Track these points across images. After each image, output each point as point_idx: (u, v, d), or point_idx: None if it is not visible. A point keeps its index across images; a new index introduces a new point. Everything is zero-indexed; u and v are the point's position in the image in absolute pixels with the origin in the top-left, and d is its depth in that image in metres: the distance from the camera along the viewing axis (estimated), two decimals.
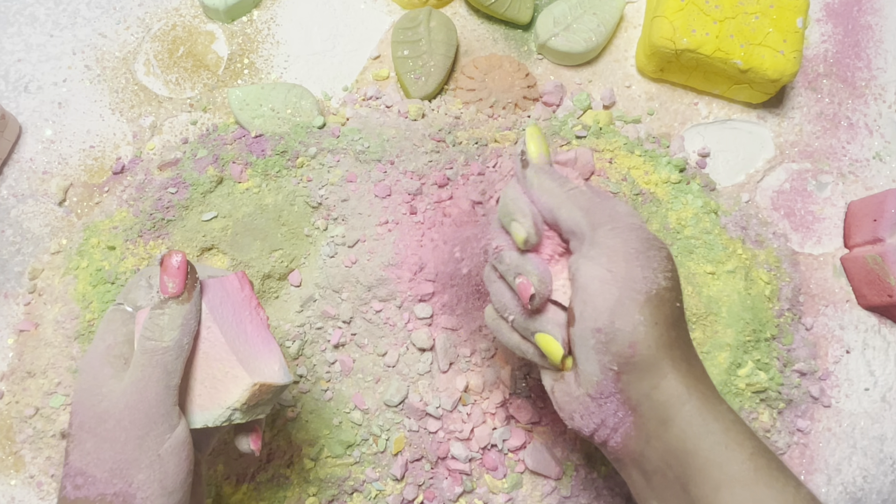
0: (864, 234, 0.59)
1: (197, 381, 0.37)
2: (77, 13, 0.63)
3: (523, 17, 0.63)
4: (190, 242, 0.54)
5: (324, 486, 0.52)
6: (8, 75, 0.61)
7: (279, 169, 0.56)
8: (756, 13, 0.59)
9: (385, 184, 0.55)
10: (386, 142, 0.57)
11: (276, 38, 0.63)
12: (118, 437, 0.34)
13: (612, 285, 0.35)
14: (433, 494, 0.52)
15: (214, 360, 0.36)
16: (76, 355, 0.51)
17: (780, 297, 0.57)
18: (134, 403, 0.34)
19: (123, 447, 0.34)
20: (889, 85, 0.66)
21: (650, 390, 0.35)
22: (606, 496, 0.53)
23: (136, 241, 0.54)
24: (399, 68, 0.60)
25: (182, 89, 0.61)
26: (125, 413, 0.34)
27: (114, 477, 0.34)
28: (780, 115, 0.64)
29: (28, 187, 0.58)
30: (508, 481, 0.52)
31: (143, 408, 0.34)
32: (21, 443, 0.53)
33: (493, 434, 0.52)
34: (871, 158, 0.64)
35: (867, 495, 0.56)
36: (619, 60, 0.64)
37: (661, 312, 0.35)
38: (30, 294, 0.56)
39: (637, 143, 0.59)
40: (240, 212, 0.55)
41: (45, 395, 0.52)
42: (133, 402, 0.34)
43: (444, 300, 0.53)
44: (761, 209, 0.61)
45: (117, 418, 0.34)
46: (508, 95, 0.60)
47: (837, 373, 0.58)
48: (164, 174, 0.57)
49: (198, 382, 0.37)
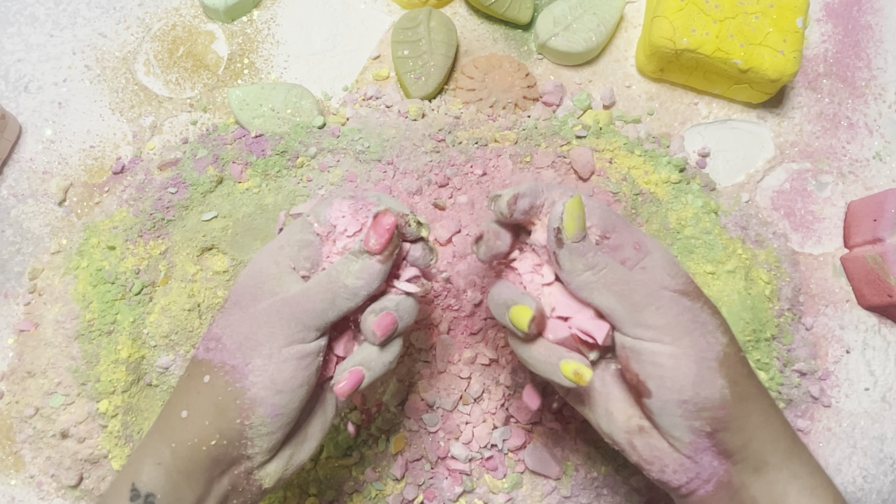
0: (864, 233, 0.59)
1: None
2: (77, 13, 0.63)
3: (523, 17, 0.63)
4: (190, 242, 0.54)
5: (323, 487, 0.52)
6: (8, 75, 0.61)
7: (279, 169, 0.56)
8: (756, 13, 0.59)
9: (385, 184, 0.55)
10: (386, 142, 0.57)
11: (276, 38, 0.63)
12: (258, 321, 0.37)
13: (686, 359, 0.35)
14: (433, 494, 0.52)
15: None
16: (76, 355, 0.51)
17: (780, 297, 0.57)
18: (288, 301, 0.37)
19: (257, 331, 0.37)
20: (889, 85, 0.66)
21: (746, 442, 0.36)
22: (606, 496, 0.53)
23: (136, 241, 0.54)
24: (399, 68, 0.60)
25: (182, 89, 0.61)
26: (276, 304, 0.37)
27: (238, 351, 0.37)
28: (780, 115, 0.64)
29: (28, 187, 0.58)
30: (508, 481, 0.52)
31: (290, 310, 0.37)
32: (21, 443, 0.53)
33: (492, 434, 0.52)
34: (871, 158, 0.64)
35: (867, 495, 0.56)
36: (619, 60, 0.64)
37: (736, 370, 0.36)
38: (30, 294, 0.56)
39: (637, 143, 0.59)
40: (240, 212, 0.55)
41: (45, 395, 0.52)
42: (289, 300, 0.37)
43: (445, 300, 0.53)
44: (761, 209, 0.61)
45: (267, 305, 0.37)
46: (508, 95, 0.60)
47: (837, 373, 0.58)
48: (164, 174, 0.57)
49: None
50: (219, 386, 0.36)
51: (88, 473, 0.52)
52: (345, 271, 0.38)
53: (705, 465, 0.36)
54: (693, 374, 0.35)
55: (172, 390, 0.42)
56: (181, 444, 0.36)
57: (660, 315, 0.36)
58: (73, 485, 0.52)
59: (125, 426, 0.51)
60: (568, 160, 0.57)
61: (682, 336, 0.35)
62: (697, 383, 0.35)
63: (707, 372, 0.35)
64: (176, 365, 0.52)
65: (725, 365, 0.36)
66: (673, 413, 0.35)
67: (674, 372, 0.35)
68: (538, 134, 0.58)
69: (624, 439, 0.38)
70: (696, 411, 0.35)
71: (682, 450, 0.36)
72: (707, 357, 0.35)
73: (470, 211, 0.54)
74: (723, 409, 0.35)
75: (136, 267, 0.53)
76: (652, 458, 0.37)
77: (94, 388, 0.51)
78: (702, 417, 0.35)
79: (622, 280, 0.37)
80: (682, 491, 0.37)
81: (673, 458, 0.37)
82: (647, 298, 0.36)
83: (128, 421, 0.51)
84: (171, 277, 0.53)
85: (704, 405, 0.35)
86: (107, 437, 0.51)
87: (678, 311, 0.36)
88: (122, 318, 0.52)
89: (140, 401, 0.52)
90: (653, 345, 0.36)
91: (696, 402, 0.35)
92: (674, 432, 0.36)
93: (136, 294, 0.52)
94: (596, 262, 0.37)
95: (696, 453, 0.36)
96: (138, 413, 0.52)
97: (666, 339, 0.35)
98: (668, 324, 0.36)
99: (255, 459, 0.37)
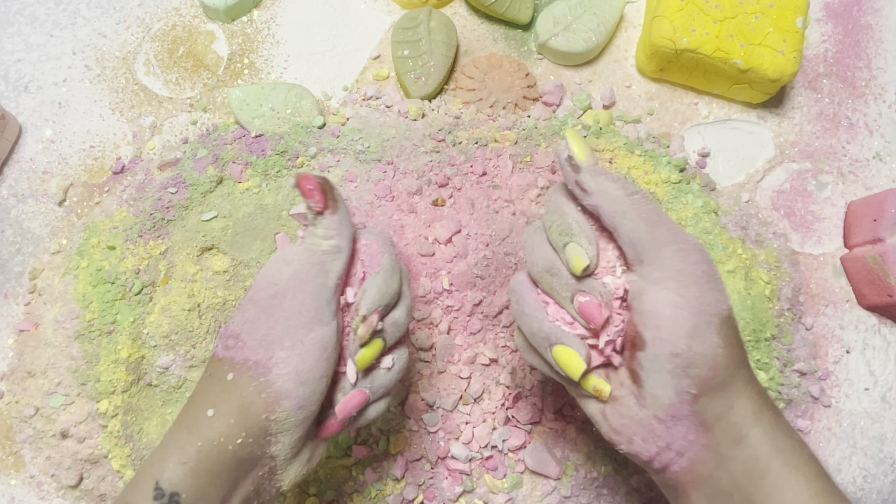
0: (864, 234, 0.59)
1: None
2: (77, 13, 0.63)
3: (523, 17, 0.63)
4: (190, 242, 0.54)
5: (323, 487, 0.52)
6: (8, 75, 0.61)
7: (279, 169, 0.56)
8: (756, 13, 0.59)
9: (385, 184, 0.55)
10: (386, 142, 0.57)
11: (276, 38, 0.63)
12: (275, 314, 0.38)
13: (686, 310, 0.35)
14: (433, 494, 0.52)
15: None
16: (76, 355, 0.51)
17: (780, 297, 0.57)
18: (295, 289, 0.38)
19: (276, 324, 0.37)
20: (889, 85, 0.66)
21: (726, 410, 0.35)
22: (606, 496, 0.53)
23: (136, 240, 0.54)
24: (399, 68, 0.60)
25: (182, 89, 0.61)
26: (287, 296, 0.38)
27: (260, 346, 0.37)
28: (780, 115, 0.64)
29: (28, 187, 0.58)
30: (508, 481, 0.52)
31: (300, 297, 0.38)
32: (21, 443, 0.53)
33: (493, 434, 0.52)
34: (871, 158, 0.64)
35: (867, 495, 0.56)
36: (619, 60, 0.64)
37: (732, 333, 0.36)
38: (30, 294, 0.56)
39: (637, 142, 0.59)
40: (240, 212, 0.55)
41: (46, 395, 0.52)
42: (294, 287, 0.38)
43: (445, 300, 0.53)
44: (761, 209, 0.61)
45: (281, 298, 0.38)
46: (508, 95, 0.60)
47: (837, 373, 0.58)
48: (164, 174, 0.57)
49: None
50: (243, 382, 0.37)
51: (88, 473, 0.52)
52: (316, 241, 0.39)
53: (678, 435, 0.35)
54: (690, 326, 0.34)
55: (194, 388, 0.42)
56: (207, 442, 0.36)
57: (679, 257, 0.35)
58: (73, 485, 0.52)
59: (125, 426, 0.51)
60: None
61: (691, 285, 0.35)
62: (692, 335, 0.34)
63: (705, 326, 0.35)
64: (176, 365, 0.52)
65: (725, 326, 0.35)
66: (662, 368, 0.35)
67: (671, 322, 0.35)
68: (538, 134, 0.58)
69: (596, 409, 0.38)
70: (685, 367, 0.34)
71: (657, 412, 0.35)
72: (708, 312, 0.35)
73: (470, 211, 0.54)
74: (712, 371, 0.34)
75: (136, 267, 0.53)
76: (621, 426, 0.37)
77: (94, 388, 0.51)
78: (689, 376, 0.34)
79: (654, 211, 0.36)
80: (654, 465, 0.37)
81: (643, 426, 0.36)
82: (672, 238, 0.36)
83: (128, 421, 0.51)
84: (172, 277, 0.53)
85: (695, 361, 0.34)
86: (107, 437, 0.51)
87: (698, 259, 0.36)
88: (122, 318, 0.52)
89: (140, 401, 0.52)
90: (658, 291, 0.35)
91: (687, 357, 0.34)
92: (658, 391, 0.35)
93: (137, 294, 0.52)
94: (626, 184, 0.37)
95: (671, 418, 0.35)
96: (138, 413, 0.52)
97: (673, 284, 0.35)
98: (683, 269, 0.35)
99: (279, 458, 0.37)
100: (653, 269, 0.36)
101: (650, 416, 0.35)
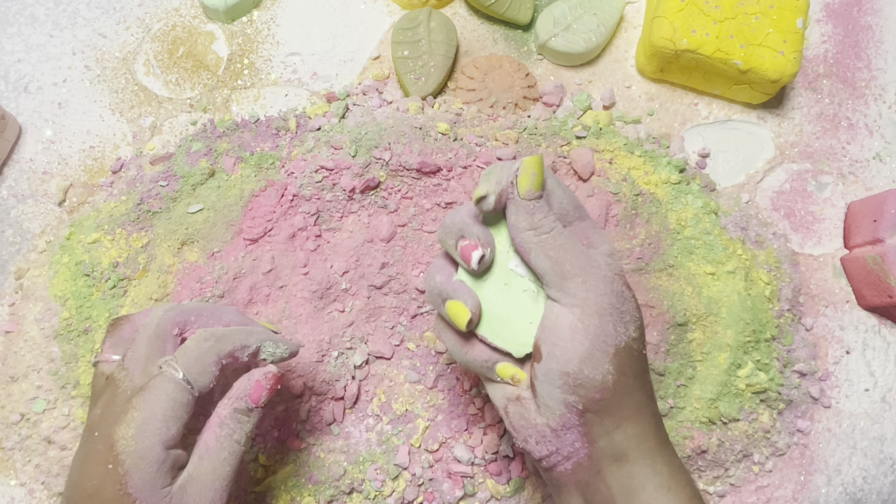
0: (864, 234, 0.59)
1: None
2: (77, 13, 0.63)
3: (523, 18, 0.63)
4: (172, 235, 0.53)
5: (322, 487, 0.51)
6: (8, 75, 0.61)
7: (273, 161, 0.56)
8: (756, 13, 0.59)
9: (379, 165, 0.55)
10: (384, 131, 0.56)
11: (276, 39, 0.63)
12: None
13: (584, 336, 0.36)
14: (433, 496, 0.52)
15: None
16: (56, 356, 0.50)
17: (780, 298, 0.57)
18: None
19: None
20: (889, 85, 0.66)
21: (613, 429, 0.37)
22: None
23: (117, 232, 0.53)
24: (399, 68, 0.60)
25: (182, 90, 0.61)
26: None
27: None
28: (780, 116, 0.64)
29: (28, 187, 0.58)
30: (511, 486, 0.52)
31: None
32: (10, 450, 0.52)
33: (501, 442, 0.52)
34: (871, 159, 0.64)
35: (867, 496, 0.56)
36: (619, 61, 0.64)
37: (628, 363, 0.37)
38: (15, 294, 0.55)
39: (637, 143, 0.59)
40: (221, 202, 0.54)
41: (29, 401, 0.51)
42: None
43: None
44: (761, 209, 0.61)
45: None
46: (508, 96, 0.60)
47: (837, 373, 0.58)
48: (156, 168, 0.56)
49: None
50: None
51: None
52: (239, 432, 0.39)
53: (567, 442, 0.37)
54: (584, 351, 0.36)
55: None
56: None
57: (584, 288, 0.36)
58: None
59: None
60: (568, 160, 0.57)
61: (593, 315, 0.36)
62: (585, 360, 0.36)
63: (599, 354, 0.36)
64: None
65: (620, 355, 0.36)
66: (553, 382, 0.36)
67: (567, 343, 0.36)
68: (538, 134, 0.58)
69: (502, 404, 0.40)
70: (574, 386, 0.36)
71: (550, 421, 0.37)
72: (606, 342, 0.36)
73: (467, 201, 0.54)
74: (600, 393, 0.36)
75: (115, 260, 0.52)
76: (519, 426, 0.39)
77: (74, 392, 0.50)
78: (577, 394, 0.36)
79: (560, 248, 0.37)
80: (543, 464, 0.39)
81: (538, 431, 0.38)
82: (577, 270, 0.37)
83: None
84: (149, 270, 0.52)
85: (584, 383, 0.36)
86: None
87: (603, 291, 0.37)
88: (98, 315, 0.51)
89: None
90: (562, 311, 0.37)
91: (577, 378, 0.36)
92: (549, 402, 0.37)
93: (112, 288, 0.51)
94: (541, 225, 0.37)
95: (562, 428, 0.37)
96: None
97: (577, 311, 0.36)
98: (587, 299, 0.36)
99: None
100: (560, 294, 0.37)
101: (545, 425, 0.37)
